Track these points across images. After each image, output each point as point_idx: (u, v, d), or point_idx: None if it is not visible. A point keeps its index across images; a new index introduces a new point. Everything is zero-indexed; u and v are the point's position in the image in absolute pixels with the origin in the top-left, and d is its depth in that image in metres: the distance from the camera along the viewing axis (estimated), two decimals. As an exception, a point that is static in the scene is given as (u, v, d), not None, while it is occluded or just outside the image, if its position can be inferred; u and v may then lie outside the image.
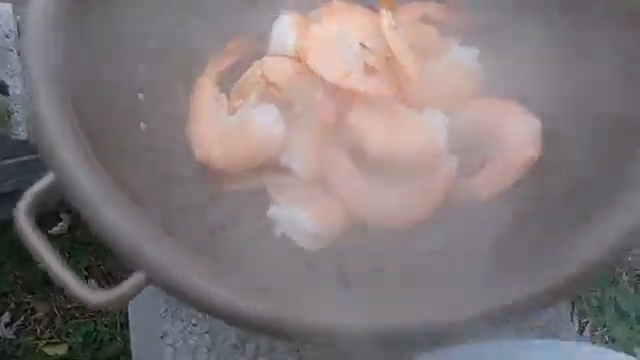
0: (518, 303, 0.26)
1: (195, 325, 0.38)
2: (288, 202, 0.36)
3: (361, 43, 0.37)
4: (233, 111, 0.38)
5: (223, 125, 0.37)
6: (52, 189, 0.28)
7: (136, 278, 0.26)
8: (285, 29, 0.39)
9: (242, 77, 0.38)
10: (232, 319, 0.25)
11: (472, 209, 0.36)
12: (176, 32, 0.37)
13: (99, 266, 1.16)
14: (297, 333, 0.25)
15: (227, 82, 0.39)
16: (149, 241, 0.26)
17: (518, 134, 0.36)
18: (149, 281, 0.26)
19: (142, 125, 0.35)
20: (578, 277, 0.26)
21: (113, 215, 0.26)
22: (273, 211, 0.36)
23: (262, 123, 0.36)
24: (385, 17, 0.37)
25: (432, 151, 0.36)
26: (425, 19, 0.41)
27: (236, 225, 0.35)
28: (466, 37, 0.40)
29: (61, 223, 1.16)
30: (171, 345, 0.38)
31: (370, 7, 0.41)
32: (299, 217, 0.36)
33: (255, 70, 0.38)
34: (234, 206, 0.36)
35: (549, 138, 0.36)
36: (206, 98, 0.38)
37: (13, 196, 0.93)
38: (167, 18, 0.36)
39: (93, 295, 0.26)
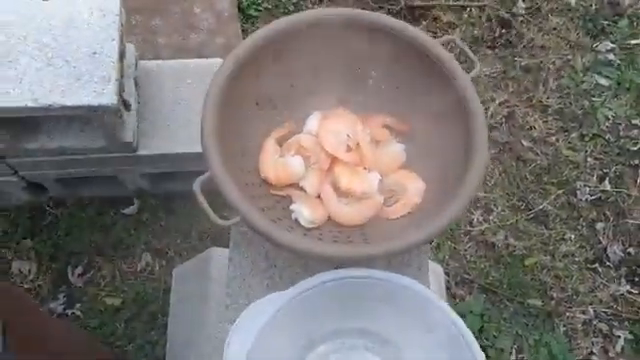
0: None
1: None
2: (300, 203, 0.81)
3: (347, 134, 0.83)
4: (282, 156, 0.84)
5: (276, 162, 0.83)
6: (209, 179, 0.73)
7: (236, 219, 0.71)
8: (313, 121, 0.85)
9: (289, 140, 0.85)
10: (272, 241, 0.70)
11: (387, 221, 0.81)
12: (264, 114, 0.83)
13: (154, 243, 1.61)
14: (294, 250, 0.70)
15: (282, 141, 0.85)
16: (242, 204, 0.71)
17: (414, 190, 0.81)
18: (241, 220, 0.71)
19: (242, 154, 0.81)
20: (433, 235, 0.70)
21: (231, 193, 0.71)
22: (293, 206, 0.81)
23: (294, 164, 0.82)
24: (359, 125, 0.83)
25: (370, 191, 0.81)
26: (385, 125, 0.87)
27: (275, 209, 0.80)
28: (401, 138, 0.86)
29: (133, 206, 1.63)
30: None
31: (357, 114, 0.86)
32: (304, 211, 0.80)
33: (296, 138, 0.84)
34: (275, 200, 0.81)
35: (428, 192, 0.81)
36: (270, 147, 0.84)
37: (114, 180, 1.44)
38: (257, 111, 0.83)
39: (220, 220, 0.71)
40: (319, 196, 0.82)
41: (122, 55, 1.31)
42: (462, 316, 1.74)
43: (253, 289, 0.82)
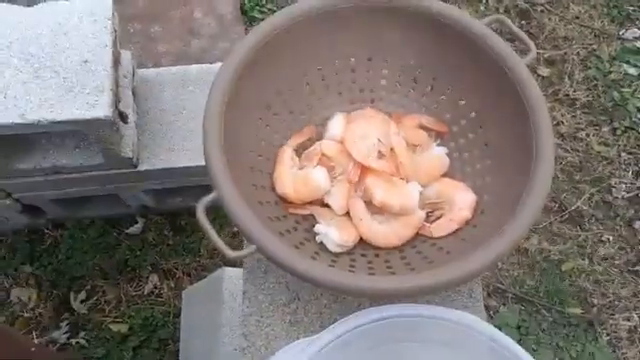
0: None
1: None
2: (325, 223, 0.66)
3: (378, 139, 0.68)
4: (301, 168, 0.69)
5: (295, 175, 0.68)
6: (215, 200, 0.58)
7: (250, 248, 0.57)
8: (336, 124, 0.70)
9: (309, 149, 0.70)
10: (297, 274, 0.55)
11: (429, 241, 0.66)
12: (277, 120, 0.68)
13: (161, 264, 1.47)
14: (326, 285, 0.55)
15: (300, 150, 0.70)
16: (257, 230, 0.57)
17: (462, 202, 0.66)
18: (257, 250, 0.56)
19: (253, 168, 0.66)
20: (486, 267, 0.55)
21: (243, 217, 0.57)
22: (317, 227, 0.66)
23: (317, 177, 0.67)
24: (392, 127, 0.67)
25: (409, 205, 0.65)
26: (420, 126, 0.72)
27: (296, 231, 0.65)
28: (442, 140, 0.71)
29: (137, 225, 1.49)
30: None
31: (388, 114, 0.72)
32: (331, 232, 0.66)
33: (317, 146, 0.69)
34: (295, 221, 0.66)
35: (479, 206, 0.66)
36: (287, 158, 0.69)
37: (116, 198, 1.28)
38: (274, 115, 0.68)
39: (232, 252, 0.56)
40: (348, 214, 0.67)
41: (116, 63, 1.17)
42: (497, 329, 1.58)
43: (273, 328, 0.67)
